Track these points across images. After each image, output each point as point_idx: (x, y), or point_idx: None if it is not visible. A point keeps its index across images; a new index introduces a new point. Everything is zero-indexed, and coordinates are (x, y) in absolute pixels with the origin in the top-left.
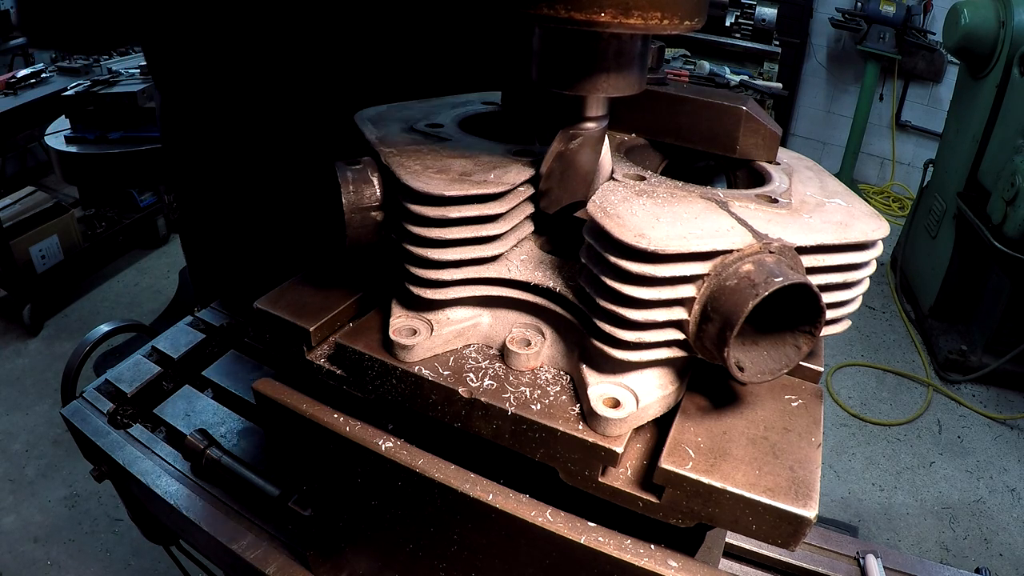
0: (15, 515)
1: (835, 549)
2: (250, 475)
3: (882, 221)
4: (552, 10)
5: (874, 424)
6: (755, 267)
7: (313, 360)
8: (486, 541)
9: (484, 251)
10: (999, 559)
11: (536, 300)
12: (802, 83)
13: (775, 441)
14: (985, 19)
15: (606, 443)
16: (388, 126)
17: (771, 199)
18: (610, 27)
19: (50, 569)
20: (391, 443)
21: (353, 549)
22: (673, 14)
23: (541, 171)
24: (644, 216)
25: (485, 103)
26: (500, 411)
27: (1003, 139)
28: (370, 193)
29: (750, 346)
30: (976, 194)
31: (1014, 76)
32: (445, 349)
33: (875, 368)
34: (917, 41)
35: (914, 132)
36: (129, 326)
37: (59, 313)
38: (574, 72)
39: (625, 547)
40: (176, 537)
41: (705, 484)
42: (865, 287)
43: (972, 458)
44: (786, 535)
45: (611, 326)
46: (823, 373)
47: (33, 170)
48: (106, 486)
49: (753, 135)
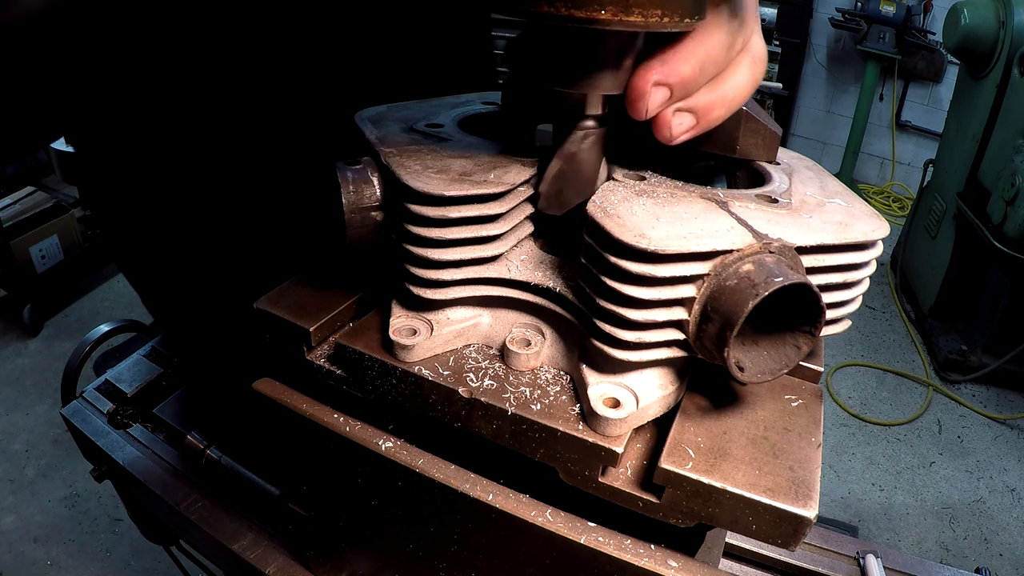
0: (15, 515)
1: (835, 549)
2: (250, 475)
3: (882, 221)
4: (552, 8)
5: (874, 424)
6: (755, 267)
7: (313, 360)
8: (486, 541)
9: (484, 251)
10: (999, 559)
11: (536, 300)
12: (802, 83)
13: (775, 441)
14: (985, 19)
15: (606, 443)
16: (388, 126)
17: (771, 199)
18: (611, 24)
19: (50, 569)
20: (391, 443)
21: (353, 549)
22: (674, 11)
23: (548, 174)
24: (644, 216)
25: (485, 103)
26: (500, 411)
27: (1003, 139)
28: (370, 193)
29: (750, 346)
30: (976, 194)
31: (1014, 76)
32: (445, 349)
33: (875, 368)
34: (917, 41)
35: (914, 132)
36: (129, 326)
37: (59, 313)
38: (576, 70)
39: (625, 547)
40: (176, 537)
41: (705, 484)
42: (865, 287)
43: (972, 458)
44: (786, 535)
45: (611, 326)
46: (823, 373)
47: (33, 170)
48: (106, 486)
49: (753, 135)
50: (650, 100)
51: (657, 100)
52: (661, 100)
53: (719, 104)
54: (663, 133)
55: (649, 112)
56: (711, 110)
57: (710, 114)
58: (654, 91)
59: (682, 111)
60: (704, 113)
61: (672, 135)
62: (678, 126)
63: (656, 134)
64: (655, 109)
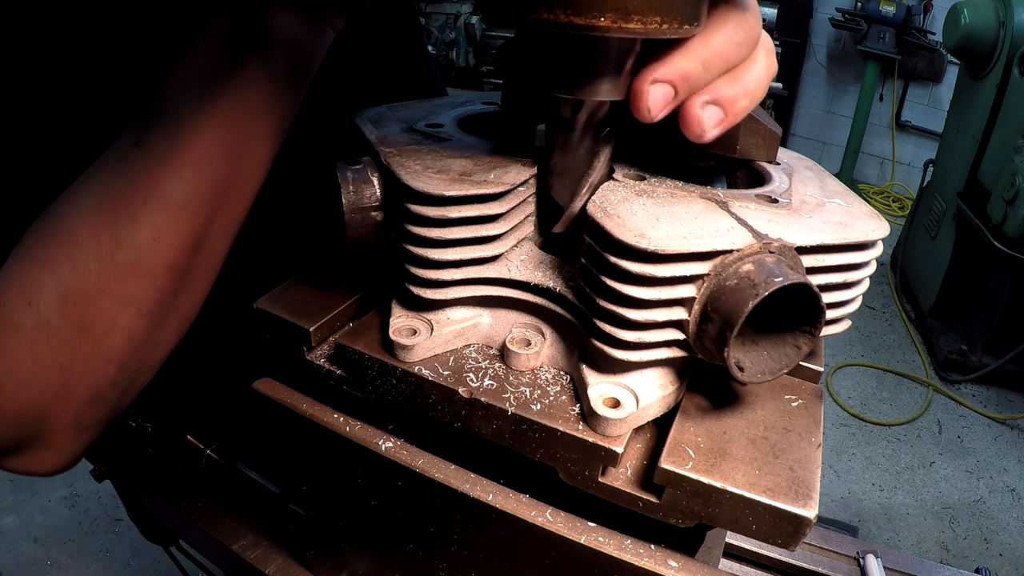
0: (15, 515)
1: (835, 549)
2: (250, 475)
3: (882, 221)
4: (552, 14)
5: (874, 424)
6: (755, 267)
7: (313, 360)
8: (486, 541)
9: (484, 251)
10: (999, 559)
11: (536, 300)
12: (802, 83)
13: (775, 441)
14: (985, 19)
15: (606, 443)
16: (388, 126)
17: (771, 199)
18: (609, 31)
19: (50, 569)
20: (391, 443)
21: (353, 549)
22: (672, 18)
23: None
24: (644, 216)
25: (485, 103)
26: (500, 411)
27: (1003, 139)
28: (370, 193)
29: (750, 346)
30: (976, 194)
31: (1014, 76)
32: (445, 349)
33: (875, 368)
34: (917, 41)
35: (914, 132)
36: None
37: None
38: (574, 76)
39: (625, 547)
40: (176, 537)
41: (705, 484)
42: (865, 287)
43: (972, 458)
44: (786, 535)
45: (611, 326)
46: (823, 373)
47: None
48: (106, 486)
49: (753, 135)
50: (649, 98)
51: (659, 98)
52: (664, 98)
53: (743, 95)
54: (694, 130)
55: (653, 112)
56: (736, 101)
57: (736, 105)
58: (652, 88)
59: (709, 104)
60: (730, 105)
61: (704, 130)
62: (708, 119)
63: (687, 133)
64: (659, 108)
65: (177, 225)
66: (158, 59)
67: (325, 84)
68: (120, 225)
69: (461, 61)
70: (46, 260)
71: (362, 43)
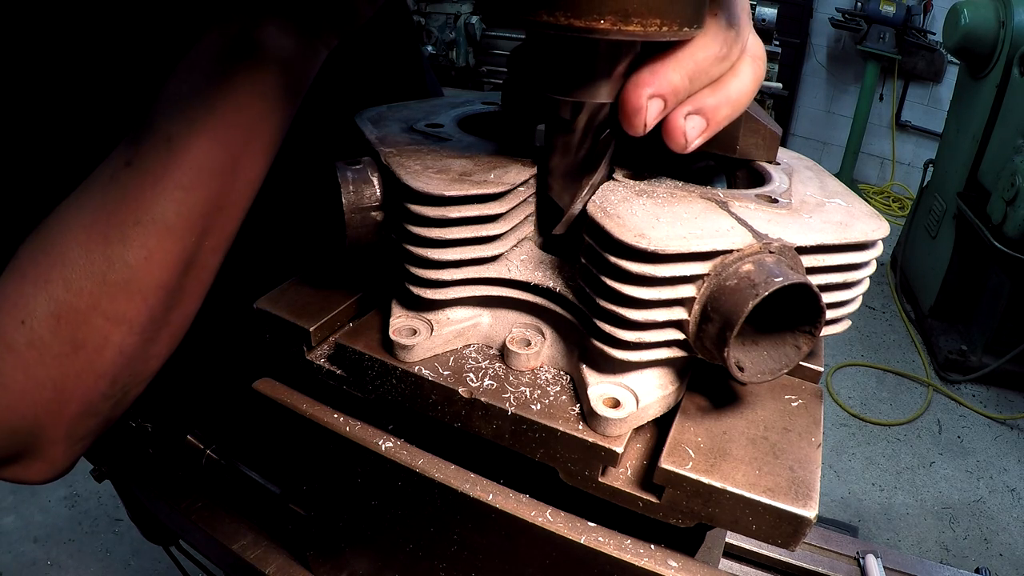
0: (15, 515)
1: (835, 549)
2: (250, 475)
3: (882, 221)
4: (552, 17)
5: (874, 424)
6: (755, 267)
7: (313, 360)
8: (486, 541)
9: (484, 251)
10: (999, 559)
11: (536, 300)
12: (802, 83)
13: (775, 441)
14: (985, 19)
15: (606, 443)
16: (388, 126)
17: (771, 199)
18: (610, 34)
19: (50, 569)
20: (391, 443)
21: (353, 549)
22: (672, 20)
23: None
24: (644, 216)
25: (485, 103)
26: (500, 411)
27: (1003, 139)
28: (370, 193)
29: (750, 346)
30: (976, 194)
31: (1014, 76)
32: (445, 349)
33: (875, 368)
34: (917, 41)
35: (914, 132)
36: None
37: None
38: (573, 78)
39: (625, 547)
40: (176, 537)
41: (705, 484)
42: (865, 287)
43: (972, 458)
44: (786, 535)
45: (611, 326)
46: (823, 373)
47: None
48: (106, 486)
49: (753, 135)
50: (647, 115)
51: (653, 113)
52: (657, 112)
53: (725, 104)
54: (678, 141)
55: (649, 126)
56: (718, 110)
57: (718, 114)
58: (651, 104)
59: (692, 115)
60: (712, 114)
61: (688, 140)
62: (692, 130)
63: (671, 144)
64: (653, 122)
65: (169, 245)
66: (151, 71)
67: (321, 85)
68: (112, 245)
69: (461, 61)
70: (39, 279)
71: (356, 44)
